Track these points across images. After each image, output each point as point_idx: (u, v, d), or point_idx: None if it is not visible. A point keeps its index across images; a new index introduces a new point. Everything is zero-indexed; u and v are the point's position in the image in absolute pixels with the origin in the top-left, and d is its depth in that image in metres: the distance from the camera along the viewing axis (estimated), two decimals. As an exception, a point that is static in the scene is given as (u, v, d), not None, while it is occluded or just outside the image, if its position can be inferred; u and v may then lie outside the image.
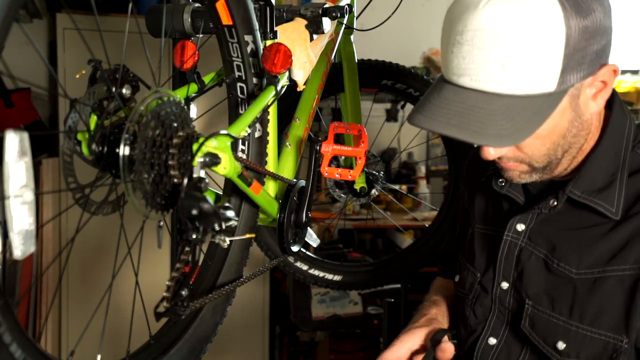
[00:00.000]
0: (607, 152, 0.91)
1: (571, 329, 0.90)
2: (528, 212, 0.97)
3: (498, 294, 1.01)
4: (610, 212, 0.88)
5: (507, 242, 0.99)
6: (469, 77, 0.80)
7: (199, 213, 0.76)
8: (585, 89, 0.84)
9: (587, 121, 0.88)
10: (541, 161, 0.89)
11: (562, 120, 0.84)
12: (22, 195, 0.59)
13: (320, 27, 1.22)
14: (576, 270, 0.90)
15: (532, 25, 0.75)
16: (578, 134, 0.88)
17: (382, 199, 3.05)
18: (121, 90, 0.78)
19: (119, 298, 0.93)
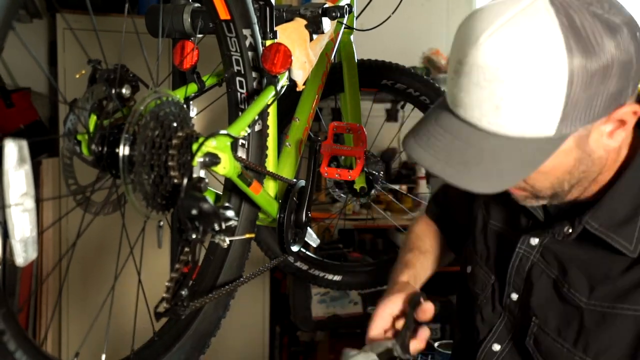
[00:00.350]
0: (632, 183, 0.84)
1: (575, 358, 0.89)
2: (544, 233, 0.93)
3: (508, 303, 0.99)
4: (628, 250, 0.83)
5: (519, 255, 0.96)
6: (463, 110, 0.76)
7: (199, 213, 0.77)
8: (598, 127, 0.77)
9: (601, 157, 0.81)
10: (545, 193, 0.85)
11: (566, 160, 0.79)
12: (23, 204, 0.59)
13: (320, 27, 1.22)
14: (586, 300, 0.87)
15: (531, 67, 0.70)
16: (589, 170, 0.82)
17: (382, 199, 3.05)
18: (121, 90, 0.78)
19: (120, 297, 0.94)
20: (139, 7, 2.81)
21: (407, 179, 3.51)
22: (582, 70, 0.69)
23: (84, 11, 2.48)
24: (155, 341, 0.96)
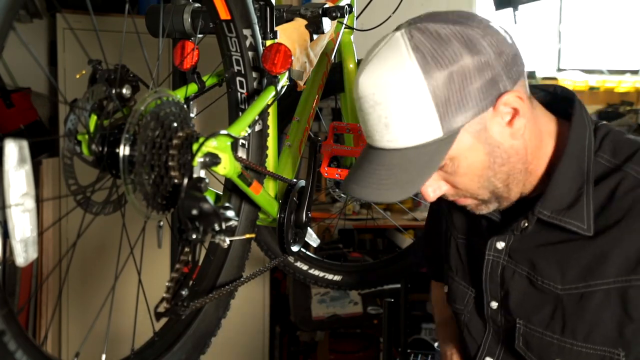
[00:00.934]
0: (569, 167, 0.90)
1: (565, 347, 0.90)
2: (504, 232, 0.97)
3: (490, 313, 1.00)
4: (582, 229, 0.88)
5: (490, 262, 0.98)
6: (371, 139, 0.86)
7: (199, 213, 0.77)
8: (492, 122, 0.84)
9: (514, 147, 0.87)
10: (482, 194, 0.90)
11: (476, 155, 0.85)
12: (23, 204, 0.59)
13: (320, 27, 1.22)
14: (561, 286, 0.90)
15: (396, 86, 0.80)
16: (507, 162, 0.87)
17: (382, 199, 3.05)
18: (121, 91, 0.78)
19: (120, 297, 0.94)
20: (139, 7, 2.81)
21: (407, 179, 3.50)
22: (439, 78, 0.79)
23: (84, 11, 2.49)
24: (155, 341, 0.96)
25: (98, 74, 0.77)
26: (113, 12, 2.58)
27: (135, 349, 0.92)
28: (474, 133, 0.84)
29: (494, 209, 0.94)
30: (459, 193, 0.91)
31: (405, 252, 1.85)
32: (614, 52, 3.68)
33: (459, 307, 1.07)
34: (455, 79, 0.80)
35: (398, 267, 1.80)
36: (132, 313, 0.90)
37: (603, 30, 3.68)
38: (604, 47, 3.69)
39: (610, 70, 3.64)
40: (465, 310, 1.06)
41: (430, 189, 0.90)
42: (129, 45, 0.92)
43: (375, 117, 0.83)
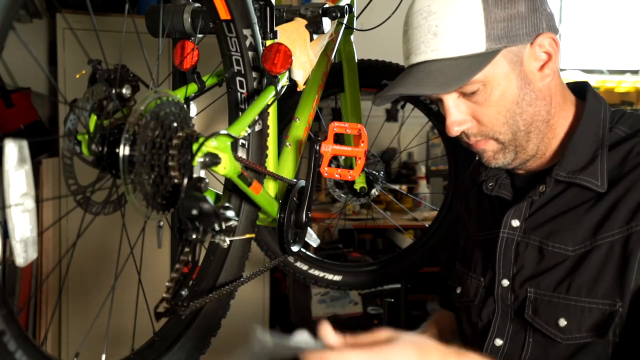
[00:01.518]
0: (586, 133, 0.97)
1: (570, 304, 0.92)
2: (520, 204, 1.01)
3: (500, 292, 1.02)
4: (596, 186, 0.93)
5: (504, 239, 1.02)
6: (414, 55, 0.95)
7: (199, 213, 0.77)
8: (529, 58, 0.93)
9: (542, 91, 0.95)
10: (504, 132, 0.96)
11: (509, 86, 0.93)
12: (23, 204, 0.59)
13: (320, 27, 1.22)
14: (572, 248, 0.94)
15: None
16: (534, 103, 0.95)
17: (382, 199, 3.05)
18: (121, 91, 0.78)
19: (120, 297, 0.94)
20: (139, 7, 2.80)
21: (407, 179, 3.51)
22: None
23: (84, 11, 2.49)
24: (155, 341, 0.96)
25: (98, 74, 0.77)
26: (113, 12, 2.57)
27: (135, 349, 0.92)
28: (511, 62, 0.92)
29: (509, 161, 0.99)
30: (482, 131, 0.97)
31: (405, 252, 1.85)
32: (614, 52, 3.68)
33: (469, 299, 1.09)
34: (507, 4, 0.90)
35: (398, 267, 1.80)
36: (132, 313, 0.90)
37: (603, 30, 3.68)
38: (604, 47, 3.69)
39: (610, 70, 3.64)
40: (476, 300, 1.07)
41: (456, 122, 0.97)
42: (129, 45, 0.92)
43: (426, 28, 0.92)
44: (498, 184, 1.07)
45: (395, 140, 3.17)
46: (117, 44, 0.83)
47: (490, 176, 1.09)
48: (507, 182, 1.07)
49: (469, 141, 1.00)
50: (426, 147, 3.67)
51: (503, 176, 1.08)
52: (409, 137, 2.70)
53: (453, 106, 0.96)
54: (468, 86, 0.93)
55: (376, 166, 1.62)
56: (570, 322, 0.92)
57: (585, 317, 0.91)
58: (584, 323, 0.91)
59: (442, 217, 1.75)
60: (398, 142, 3.25)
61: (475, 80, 0.91)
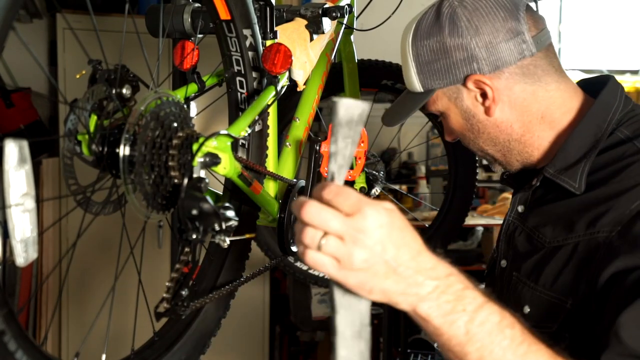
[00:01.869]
0: (583, 135, 0.98)
1: (535, 293, 0.96)
2: (522, 192, 1.06)
3: (499, 272, 1.07)
4: (574, 188, 0.95)
5: (509, 223, 1.07)
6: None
7: (199, 213, 0.77)
8: (467, 96, 1.01)
9: (491, 121, 1.01)
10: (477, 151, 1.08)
11: (455, 118, 1.04)
12: (23, 204, 0.59)
13: (320, 27, 1.22)
14: (549, 240, 0.97)
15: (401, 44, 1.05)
16: (485, 131, 1.03)
17: (382, 199, 3.05)
18: (121, 91, 0.78)
19: (120, 297, 0.94)
20: (139, 7, 2.80)
21: (407, 179, 3.51)
22: (422, 47, 1.00)
23: (84, 11, 2.49)
24: (155, 341, 0.96)
25: (98, 74, 0.77)
26: (113, 12, 2.57)
27: (135, 349, 0.92)
28: (450, 98, 1.03)
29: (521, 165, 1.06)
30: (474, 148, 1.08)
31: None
32: (614, 52, 3.68)
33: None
34: (434, 51, 0.99)
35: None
36: (132, 313, 0.90)
37: (603, 30, 3.68)
38: (604, 47, 3.69)
39: (610, 70, 3.64)
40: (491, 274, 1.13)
41: (447, 135, 1.11)
42: (129, 45, 0.92)
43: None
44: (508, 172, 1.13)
45: (395, 140, 3.17)
46: (117, 44, 0.84)
47: None
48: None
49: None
50: (426, 147, 3.67)
51: None
52: (409, 137, 2.70)
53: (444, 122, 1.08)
54: (434, 111, 1.06)
55: (376, 166, 1.62)
56: (532, 311, 0.95)
57: (543, 308, 0.94)
58: (542, 313, 0.94)
59: (442, 217, 1.75)
60: (398, 142, 3.25)
61: (434, 110, 1.06)
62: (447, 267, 0.69)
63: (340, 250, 0.63)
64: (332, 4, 1.25)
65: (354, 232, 0.63)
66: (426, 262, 0.67)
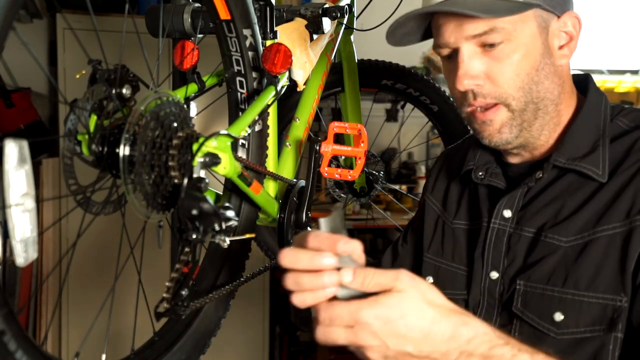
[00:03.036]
0: (586, 123, 0.96)
1: (567, 298, 0.89)
2: (513, 192, 0.98)
3: (487, 285, 0.99)
4: (597, 175, 0.91)
5: (495, 230, 0.98)
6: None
7: (199, 213, 0.77)
8: (553, 30, 0.93)
9: (558, 70, 0.94)
10: (518, 97, 0.92)
11: (533, 49, 0.91)
12: (23, 204, 0.59)
13: (320, 27, 1.22)
14: (565, 239, 0.91)
15: None
16: (550, 78, 0.93)
17: (382, 199, 3.05)
18: (121, 91, 0.78)
19: (120, 297, 0.94)
20: (139, 7, 2.80)
21: (407, 179, 3.51)
22: None
23: (84, 11, 2.49)
24: (155, 341, 0.96)
25: (98, 74, 0.77)
26: (113, 12, 2.57)
27: (135, 349, 0.92)
28: (539, 26, 0.91)
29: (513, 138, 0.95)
30: (495, 92, 0.92)
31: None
32: (614, 52, 3.68)
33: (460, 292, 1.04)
34: None
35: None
36: (132, 313, 0.90)
37: (603, 30, 3.68)
38: (604, 47, 3.69)
39: (610, 70, 3.64)
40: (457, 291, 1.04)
41: (469, 74, 0.91)
42: (129, 45, 0.92)
43: None
44: (489, 173, 1.03)
45: (395, 140, 3.17)
46: (117, 44, 0.84)
47: (479, 165, 1.05)
48: (498, 172, 1.03)
49: (474, 103, 0.94)
50: (426, 147, 3.67)
51: (493, 166, 1.04)
52: (409, 137, 2.70)
53: (468, 56, 0.91)
54: (493, 35, 0.89)
55: (376, 166, 1.62)
56: (567, 317, 0.89)
57: (583, 312, 0.88)
58: (582, 318, 0.88)
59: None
60: (398, 142, 3.25)
61: (502, 28, 0.88)
62: (468, 330, 0.68)
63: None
64: (332, 4, 1.25)
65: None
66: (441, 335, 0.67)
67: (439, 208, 1.14)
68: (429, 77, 1.74)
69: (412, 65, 2.68)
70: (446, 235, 1.10)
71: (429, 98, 1.65)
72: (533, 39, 0.91)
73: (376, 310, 0.65)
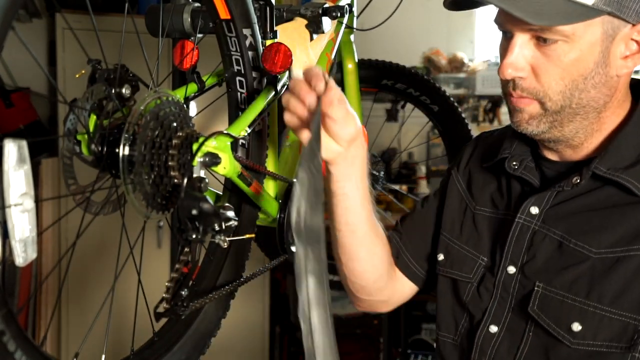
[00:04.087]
0: (634, 134, 0.91)
1: (588, 310, 0.88)
2: (545, 192, 0.95)
3: (503, 279, 0.98)
4: (638, 189, 0.87)
5: (519, 225, 0.96)
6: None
7: (199, 213, 0.77)
8: (621, 39, 0.86)
9: (612, 80, 0.89)
10: (555, 100, 0.89)
11: (589, 56, 0.86)
12: (23, 204, 0.59)
13: (320, 26, 1.22)
14: (596, 250, 0.88)
15: None
16: (598, 88, 0.88)
17: (382, 199, 3.05)
18: (121, 90, 0.78)
19: (120, 297, 0.93)
20: (139, 6, 2.80)
21: (407, 179, 3.51)
22: None
23: (83, 11, 2.48)
24: (155, 341, 0.96)
25: (98, 74, 0.77)
26: (113, 12, 2.57)
27: (135, 349, 0.92)
28: (604, 33, 0.85)
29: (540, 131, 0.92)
30: (534, 89, 0.89)
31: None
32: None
33: (466, 275, 1.04)
34: None
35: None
36: (132, 313, 0.90)
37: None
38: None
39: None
40: (474, 278, 1.03)
41: (514, 65, 0.88)
42: (129, 45, 0.92)
43: None
44: (523, 166, 0.99)
45: (395, 140, 3.17)
46: (117, 44, 0.83)
47: (515, 154, 1.01)
48: (532, 166, 0.99)
49: (513, 93, 0.91)
50: (426, 147, 3.67)
51: (528, 158, 1.00)
52: (409, 137, 2.70)
53: (519, 46, 0.87)
54: (550, 32, 0.84)
55: (376, 166, 1.62)
56: (585, 328, 0.87)
57: (603, 327, 0.86)
58: (601, 332, 0.87)
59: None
60: (398, 142, 3.25)
61: (560, 29, 0.83)
62: None
63: None
64: (332, 4, 1.25)
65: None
66: None
67: (463, 189, 1.11)
68: (429, 77, 1.74)
69: (412, 65, 2.68)
70: (467, 219, 1.08)
71: (429, 98, 1.65)
72: (592, 46, 0.85)
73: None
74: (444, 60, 3.47)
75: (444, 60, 3.48)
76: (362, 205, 1.00)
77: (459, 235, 1.08)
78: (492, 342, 0.98)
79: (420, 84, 1.65)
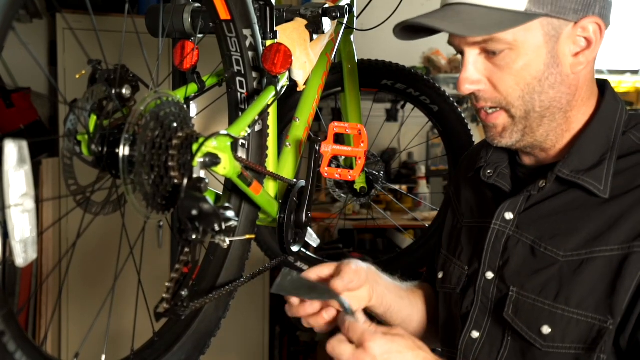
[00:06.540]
0: (597, 134, 0.93)
1: (557, 313, 0.89)
2: (517, 197, 0.97)
3: (482, 284, 0.99)
4: (599, 190, 0.89)
5: (495, 231, 0.98)
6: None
7: (199, 213, 0.77)
8: (567, 38, 0.88)
9: (569, 78, 0.90)
10: (517, 106, 0.91)
11: (536, 59, 0.88)
12: (23, 204, 0.59)
13: (320, 27, 1.22)
14: (563, 253, 0.90)
15: None
16: (557, 87, 0.90)
17: (382, 199, 3.05)
18: (121, 91, 0.78)
19: (120, 297, 0.94)
20: (139, 7, 2.80)
21: (407, 179, 3.51)
22: None
23: (84, 11, 2.49)
24: (155, 341, 0.96)
25: (98, 74, 0.77)
26: (113, 12, 2.57)
27: (135, 349, 0.92)
28: (546, 35, 0.87)
29: (515, 141, 0.95)
30: (495, 98, 0.92)
31: (405, 252, 1.85)
32: (614, 52, 3.68)
33: (451, 287, 1.06)
34: None
35: (398, 267, 1.80)
36: (132, 313, 0.90)
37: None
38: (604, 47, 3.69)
39: (610, 70, 3.64)
40: (457, 288, 1.05)
41: (469, 79, 0.91)
42: (129, 45, 0.92)
43: None
44: (497, 173, 1.02)
45: (395, 140, 3.17)
46: (117, 44, 0.83)
47: (490, 163, 1.04)
48: (506, 172, 1.02)
49: (478, 105, 0.95)
50: (426, 147, 3.67)
51: (503, 165, 1.03)
52: (409, 137, 2.70)
53: (471, 62, 0.91)
54: (493, 43, 0.87)
55: (376, 166, 1.62)
56: (554, 331, 0.89)
57: (571, 328, 0.88)
58: (569, 334, 0.88)
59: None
60: (398, 142, 3.25)
61: (502, 39, 0.86)
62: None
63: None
64: (332, 4, 1.25)
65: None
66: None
67: (455, 205, 1.16)
68: (429, 77, 1.74)
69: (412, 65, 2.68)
70: (457, 233, 1.11)
71: (429, 98, 1.65)
72: (537, 49, 0.87)
73: (381, 339, 0.80)
74: (444, 60, 3.47)
75: (444, 60, 3.48)
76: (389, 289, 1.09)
77: (454, 250, 1.10)
78: (474, 348, 0.99)
79: (420, 84, 1.65)
